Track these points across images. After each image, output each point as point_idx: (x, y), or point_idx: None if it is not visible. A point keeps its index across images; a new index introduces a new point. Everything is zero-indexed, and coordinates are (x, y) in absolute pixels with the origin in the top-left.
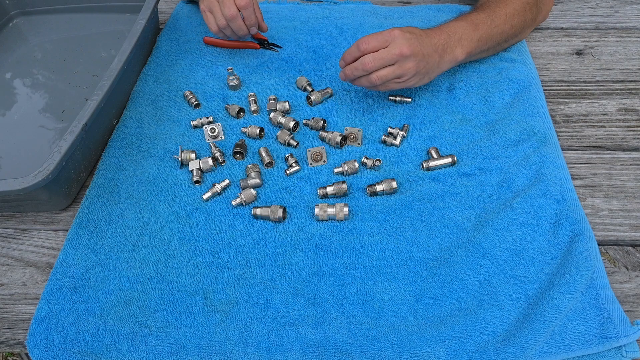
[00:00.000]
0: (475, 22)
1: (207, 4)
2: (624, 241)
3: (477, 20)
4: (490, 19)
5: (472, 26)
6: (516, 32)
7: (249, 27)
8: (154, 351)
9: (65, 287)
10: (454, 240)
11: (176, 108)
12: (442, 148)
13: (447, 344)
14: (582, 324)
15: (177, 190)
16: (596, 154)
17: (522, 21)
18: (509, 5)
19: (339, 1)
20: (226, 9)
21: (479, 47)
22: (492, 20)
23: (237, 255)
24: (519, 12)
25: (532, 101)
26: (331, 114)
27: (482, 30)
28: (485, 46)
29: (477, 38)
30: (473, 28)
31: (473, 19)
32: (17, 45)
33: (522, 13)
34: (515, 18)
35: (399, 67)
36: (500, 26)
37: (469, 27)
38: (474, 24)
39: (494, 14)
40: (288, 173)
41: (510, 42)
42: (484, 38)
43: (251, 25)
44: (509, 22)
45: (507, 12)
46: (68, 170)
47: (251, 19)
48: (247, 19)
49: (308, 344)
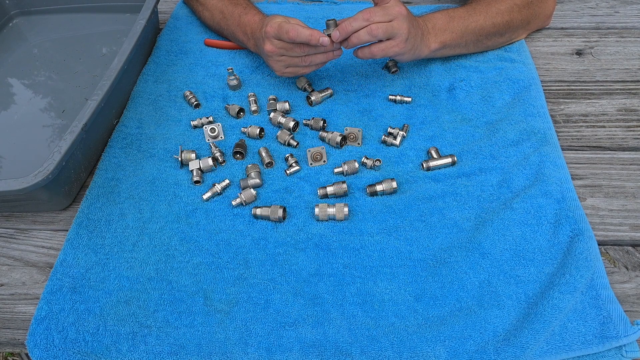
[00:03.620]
0: (450, 15)
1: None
2: (624, 241)
3: (454, 14)
4: (468, 14)
5: (446, 17)
6: (500, 30)
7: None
8: (154, 351)
9: (65, 287)
10: (454, 240)
11: (176, 108)
12: (442, 148)
13: (447, 344)
14: (582, 324)
15: (177, 190)
16: (596, 154)
17: (507, 21)
18: (492, 5)
19: (339, 1)
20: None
21: (452, 39)
22: (469, 15)
23: (237, 255)
24: (503, 12)
25: (532, 101)
26: (331, 114)
27: (456, 22)
28: (461, 39)
29: (451, 29)
30: (447, 19)
31: (450, 11)
32: (17, 45)
33: (507, 13)
34: (499, 17)
35: (396, 23)
36: (480, 22)
37: (444, 17)
38: (450, 16)
39: (473, 10)
40: (288, 173)
41: (497, 40)
42: (458, 30)
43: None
44: (490, 20)
45: (489, 10)
46: (68, 170)
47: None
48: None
49: (308, 344)
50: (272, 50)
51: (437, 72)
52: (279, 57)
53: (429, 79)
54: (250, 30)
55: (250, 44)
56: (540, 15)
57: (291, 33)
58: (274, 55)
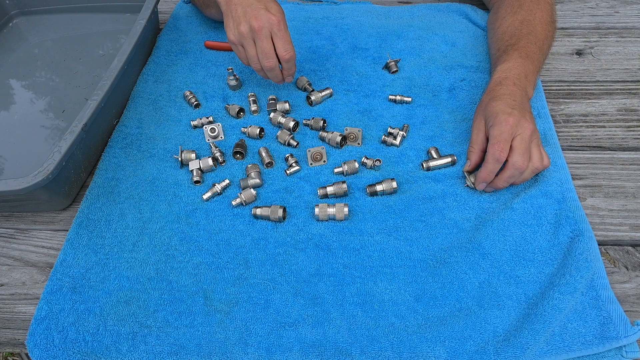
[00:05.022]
0: (529, 56)
1: (238, 38)
2: (624, 241)
3: (527, 50)
4: (537, 46)
5: (528, 61)
6: (551, 34)
7: (285, 77)
8: (154, 351)
9: (65, 287)
10: (454, 240)
11: (176, 108)
12: (442, 148)
13: (447, 344)
14: (582, 325)
15: (177, 190)
16: (596, 154)
17: (551, 21)
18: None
19: (339, 1)
20: (265, 61)
21: (538, 69)
22: (535, 43)
23: (237, 255)
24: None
25: (533, 102)
26: (331, 114)
27: (535, 58)
28: (542, 63)
29: (536, 70)
30: (530, 62)
31: (522, 51)
32: (17, 45)
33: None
34: (549, 25)
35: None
36: (541, 41)
37: (526, 62)
38: (530, 58)
39: (534, 33)
40: (288, 173)
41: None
42: (538, 65)
43: (289, 75)
44: (547, 43)
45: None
46: (68, 170)
47: (291, 71)
48: (287, 70)
49: (308, 344)
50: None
51: (437, 72)
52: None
53: (429, 79)
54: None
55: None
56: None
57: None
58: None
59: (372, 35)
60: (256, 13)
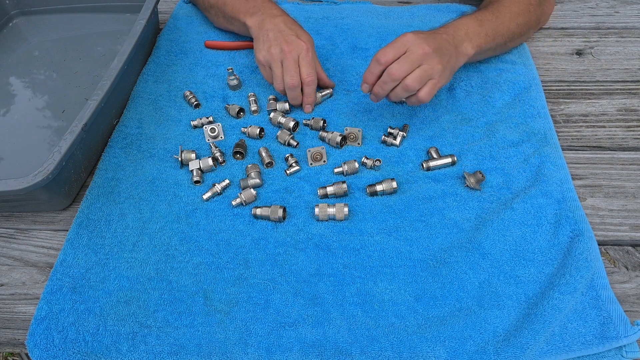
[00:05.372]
0: (479, 19)
1: (267, 59)
2: (624, 241)
3: (482, 17)
4: (494, 15)
5: (476, 22)
6: (522, 31)
7: (304, 104)
8: (154, 351)
9: (65, 287)
10: (454, 240)
11: (176, 108)
12: (442, 148)
13: (447, 344)
14: (582, 325)
15: (177, 190)
16: (596, 154)
17: (527, 21)
18: (513, 5)
19: (339, 1)
20: (288, 77)
21: (487, 42)
22: (496, 17)
23: (237, 255)
24: (523, 12)
25: (533, 102)
26: (331, 114)
27: (487, 26)
28: (493, 42)
29: (485, 33)
30: (478, 24)
31: (477, 15)
32: (17, 45)
33: (526, 13)
34: (521, 17)
35: (427, 65)
36: (506, 23)
37: (474, 22)
38: (479, 20)
39: (498, 11)
40: (288, 173)
41: (516, 41)
42: (490, 33)
43: (307, 103)
44: (515, 21)
45: (512, 11)
46: (68, 170)
47: (310, 98)
48: (307, 96)
49: (308, 344)
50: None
51: None
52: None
53: None
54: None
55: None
56: (546, 13)
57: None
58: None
59: (372, 35)
60: (287, 38)
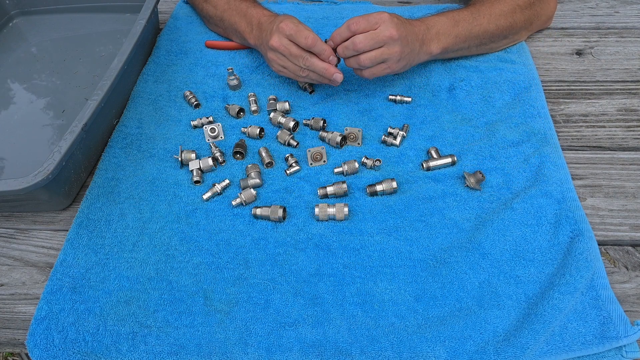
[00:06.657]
0: (456, 19)
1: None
2: (624, 241)
3: (458, 17)
4: (472, 17)
5: (451, 22)
6: (504, 33)
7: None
8: (154, 351)
9: (65, 287)
10: (454, 240)
11: (176, 108)
12: (442, 148)
13: (447, 344)
14: (582, 325)
15: (177, 190)
16: (596, 154)
17: (511, 23)
18: (495, 6)
19: (339, 1)
20: (303, 40)
21: (456, 43)
22: (474, 18)
23: (237, 255)
24: (506, 14)
25: (533, 102)
26: (331, 114)
27: (461, 27)
28: (464, 44)
29: (455, 34)
30: (452, 24)
31: (454, 15)
32: (17, 45)
33: (510, 14)
34: (502, 19)
35: (387, 49)
36: (484, 25)
37: (449, 22)
38: (455, 20)
39: (477, 12)
40: (288, 173)
41: (500, 42)
42: (462, 35)
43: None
44: (494, 22)
45: (493, 12)
46: (68, 170)
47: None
48: (322, 52)
49: (308, 344)
50: (278, 45)
51: (437, 72)
52: (280, 56)
53: (429, 79)
54: (256, 22)
55: (251, 35)
56: (541, 15)
57: (309, 40)
58: (277, 51)
59: None
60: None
